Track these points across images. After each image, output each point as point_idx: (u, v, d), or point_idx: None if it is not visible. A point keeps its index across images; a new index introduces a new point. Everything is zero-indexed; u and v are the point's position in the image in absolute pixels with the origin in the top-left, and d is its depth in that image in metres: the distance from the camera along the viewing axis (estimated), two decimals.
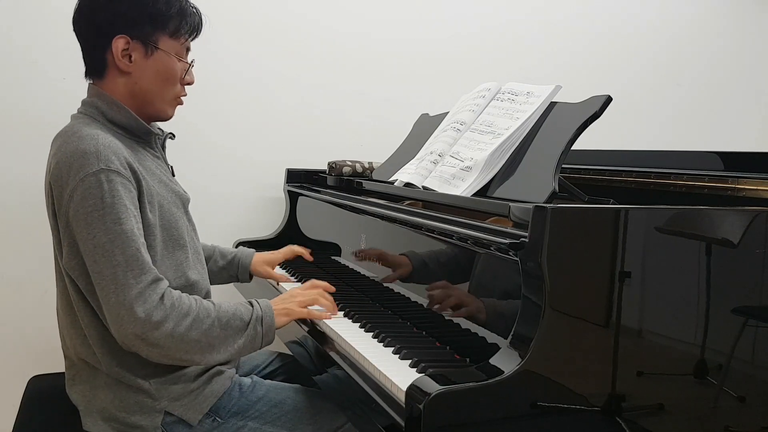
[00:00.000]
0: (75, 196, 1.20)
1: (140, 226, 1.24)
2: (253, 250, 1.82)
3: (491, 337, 1.15)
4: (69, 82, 2.06)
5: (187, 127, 1.52)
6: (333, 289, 1.52)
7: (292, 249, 1.86)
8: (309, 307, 1.43)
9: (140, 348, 1.20)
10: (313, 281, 1.52)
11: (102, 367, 1.29)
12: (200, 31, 1.44)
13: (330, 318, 1.43)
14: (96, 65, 1.35)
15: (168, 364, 1.28)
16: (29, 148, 2.05)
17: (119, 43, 1.31)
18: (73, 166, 1.20)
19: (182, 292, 1.26)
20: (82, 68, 1.41)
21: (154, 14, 1.33)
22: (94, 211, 1.19)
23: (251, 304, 1.34)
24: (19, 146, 2.05)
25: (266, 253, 1.84)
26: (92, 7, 1.32)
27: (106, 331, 1.26)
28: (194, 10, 1.41)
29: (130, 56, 1.33)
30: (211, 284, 1.60)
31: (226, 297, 1.90)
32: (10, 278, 2.08)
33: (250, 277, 1.79)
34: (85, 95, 1.41)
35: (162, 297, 1.20)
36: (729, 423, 1.14)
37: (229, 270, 1.76)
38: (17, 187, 2.06)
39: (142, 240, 1.23)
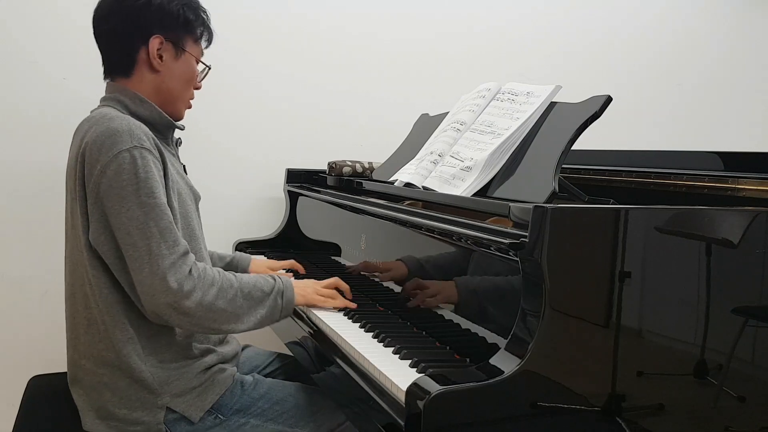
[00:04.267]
0: (108, 172, 1.24)
1: (167, 204, 1.29)
2: (249, 256, 1.84)
3: (491, 337, 1.15)
4: (69, 82, 2.06)
5: (187, 127, 1.52)
6: (351, 299, 1.53)
7: (293, 263, 1.88)
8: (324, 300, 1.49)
9: (172, 317, 1.24)
10: (338, 279, 1.55)
11: (109, 354, 1.30)
12: (213, 39, 1.53)
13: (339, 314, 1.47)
14: (124, 63, 1.41)
15: (198, 332, 1.34)
16: (29, 148, 2.05)
17: (155, 43, 1.39)
18: (106, 143, 1.25)
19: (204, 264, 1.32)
20: (83, 68, 1.41)
21: (185, 19, 1.42)
22: (128, 185, 1.23)
23: (273, 278, 1.40)
24: (19, 146, 2.05)
25: (266, 260, 1.86)
26: (128, 9, 1.38)
27: (120, 316, 1.29)
28: (210, 22, 1.51)
29: (161, 56, 1.40)
30: None
31: None
32: (10, 278, 2.08)
33: None
34: (86, 94, 1.42)
35: (190, 269, 1.25)
36: (729, 423, 1.14)
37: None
38: (18, 187, 2.06)
39: (172, 217, 1.27)
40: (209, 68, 1.52)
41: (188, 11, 1.43)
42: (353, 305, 1.49)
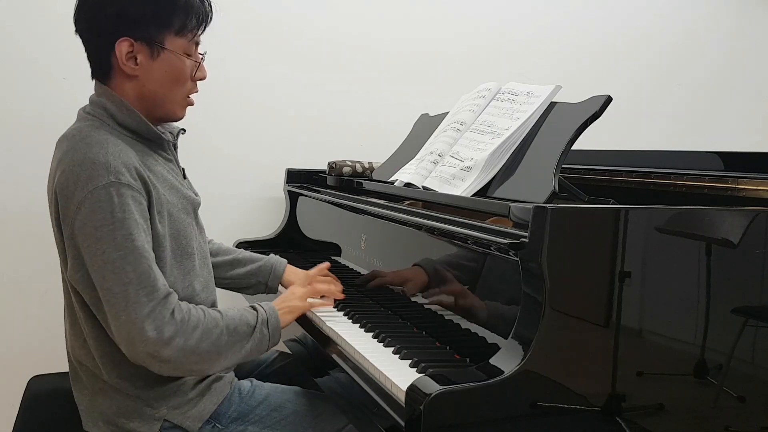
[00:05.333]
0: (83, 209, 1.15)
1: (150, 240, 1.21)
2: (285, 260, 1.65)
3: (491, 337, 1.15)
4: (69, 82, 2.06)
5: (187, 128, 1.51)
6: (346, 297, 1.54)
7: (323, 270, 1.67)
8: (310, 300, 1.47)
9: (152, 365, 1.18)
10: (309, 273, 1.55)
11: (102, 375, 1.27)
12: (210, 20, 1.34)
13: (330, 305, 1.46)
14: (101, 68, 1.29)
15: (179, 376, 1.27)
16: (29, 148, 2.05)
17: (123, 47, 1.24)
18: (81, 176, 1.16)
19: (189, 303, 1.24)
20: (83, 68, 1.39)
21: (157, 12, 1.25)
22: (103, 225, 1.14)
23: (254, 308, 1.33)
24: (19, 146, 2.05)
25: (299, 271, 1.66)
26: (92, 7, 1.25)
27: (107, 342, 1.25)
28: (200, 1, 1.31)
29: (136, 58, 1.26)
30: (234, 289, 1.64)
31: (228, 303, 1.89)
32: (10, 278, 2.07)
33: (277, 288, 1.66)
34: (86, 95, 1.39)
35: (172, 312, 1.18)
36: (729, 423, 1.14)
37: (258, 276, 1.63)
38: (17, 187, 2.06)
39: (152, 255, 1.20)
40: (203, 58, 1.34)
41: (159, 2, 1.25)
42: (341, 296, 1.52)
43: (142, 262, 1.16)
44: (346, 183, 2.05)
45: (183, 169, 1.45)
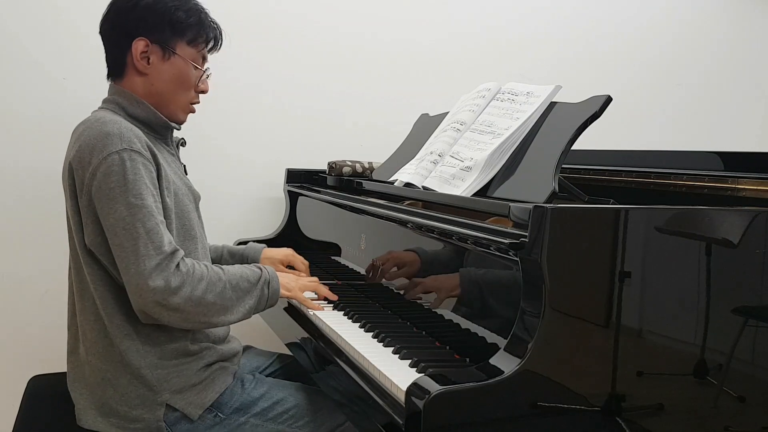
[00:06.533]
0: (98, 174, 1.26)
1: (159, 205, 1.30)
2: (262, 246, 1.79)
3: (491, 337, 1.15)
4: (69, 82, 2.06)
5: (187, 128, 1.52)
6: (335, 297, 1.58)
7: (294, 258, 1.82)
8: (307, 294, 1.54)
9: (161, 314, 1.25)
10: (317, 280, 1.60)
11: (110, 352, 1.32)
12: (219, 45, 1.52)
13: (322, 310, 1.51)
14: (117, 65, 1.43)
15: (190, 328, 1.35)
16: (29, 147, 2.05)
17: (139, 45, 1.40)
18: (96, 147, 1.27)
19: (192, 259, 1.33)
20: (83, 68, 1.41)
21: (173, 21, 1.41)
22: (116, 187, 1.25)
23: (259, 268, 1.41)
24: (19, 146, 2.05)
25: (273, 252, 1.81)
26: (117, 11, 1.41)
27: (119, 310, 1.31)
28: (214, 25, 1.49)
29: (149, 58, 1.41)
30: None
31: None
32: (10, 278, 2.08)
33: None
34: (85, 95, 1.43)
35: (178, 265, 1.26)
36: (729, 423, 1.14)
37: (246, 254, 1.80)
38: (17, 187, 2.06)
39: (161, 218, 1.28)
40: (205, 72, 1.50)
41: (179, 12, 1.41)
42: (334, 297, 1.56)
43: (150, 220, 1.25)
44: (346, 183, 2.05)
45: (184, 166, 1.54)
